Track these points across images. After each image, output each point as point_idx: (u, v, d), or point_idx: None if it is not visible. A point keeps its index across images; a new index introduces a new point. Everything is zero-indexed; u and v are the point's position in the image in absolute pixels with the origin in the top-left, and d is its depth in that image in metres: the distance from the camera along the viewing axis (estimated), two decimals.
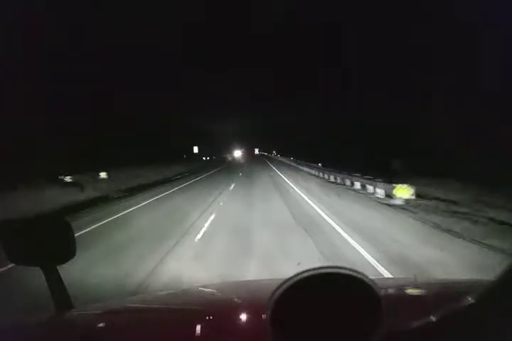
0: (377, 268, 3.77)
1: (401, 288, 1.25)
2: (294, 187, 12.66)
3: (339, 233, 5.57)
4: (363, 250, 4.53)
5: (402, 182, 8.87)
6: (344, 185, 13.49)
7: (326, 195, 10.58)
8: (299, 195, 10.63)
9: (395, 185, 8.82)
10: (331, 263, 0.58)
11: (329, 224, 6.31)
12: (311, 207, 8.29)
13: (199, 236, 5.63)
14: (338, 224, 6.17)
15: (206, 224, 6.47)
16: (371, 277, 0.43)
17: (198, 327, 0.85)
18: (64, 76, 19.44)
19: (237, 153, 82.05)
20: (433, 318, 0.42)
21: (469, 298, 0.41)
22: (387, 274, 3.54)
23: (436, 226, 5.94)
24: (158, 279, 3.65)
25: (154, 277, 3.72)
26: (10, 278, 3.87)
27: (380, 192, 9.80)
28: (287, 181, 15.54)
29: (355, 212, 7.58)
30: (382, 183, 9.90)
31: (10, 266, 4.03)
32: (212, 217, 7.15)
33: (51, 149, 15.45)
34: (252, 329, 0.78)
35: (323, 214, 7.28)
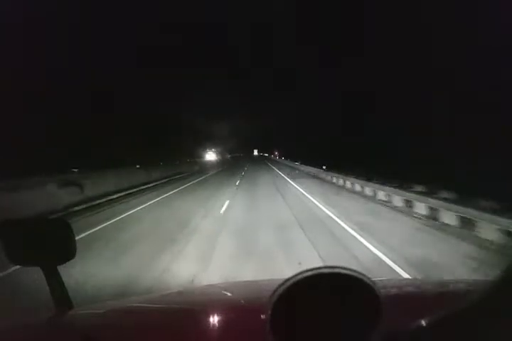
0: None
1: (401, 288, 1.26)
2: None
3: None
4: None
5: None
6: None
7: None
8: None
9: None
10: None
11: None
12: None
13: None
14: None
15: None
16: (372, 278, 0.43)
17: (198, 327, 0.85)
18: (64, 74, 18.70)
19: (210, 156, 46.48)
20: (433, 318, 0.42)
21: (469, 298, 0.41)
22: None
23: None
24: None
25: None
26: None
27: None
28: None
29: None
30: None
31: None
32: None
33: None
34: (252, 329, 0.78)
35: None
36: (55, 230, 0.98)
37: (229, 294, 1.25)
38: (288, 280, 0.41)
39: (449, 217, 6.77)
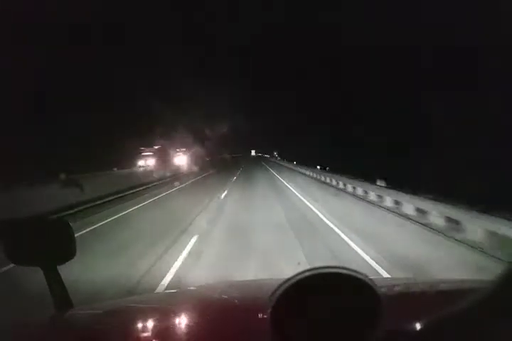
0: None
1: (401, 288, 1.25)
2: None
3: None
4: None
5: None
6: None
7: None
8: None
9: None
10: None
11: None
12: None
13: None
14: None
15: None
16: (371, 277, 0.43)
17: (198, 327, 0.85)
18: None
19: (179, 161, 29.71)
20: (433, 318, 0.42)
21: (469, 298, 0.41)
22: None
23: None
24: None
25: None
26: None
27: None
28: None
29: None
30: None
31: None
32: None
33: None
34: (252, 329, 0.78)
35: None
36: (55, 230, 0.98)
37: (229, 294, 1.25)
38: (288, 280, 0.41)
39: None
